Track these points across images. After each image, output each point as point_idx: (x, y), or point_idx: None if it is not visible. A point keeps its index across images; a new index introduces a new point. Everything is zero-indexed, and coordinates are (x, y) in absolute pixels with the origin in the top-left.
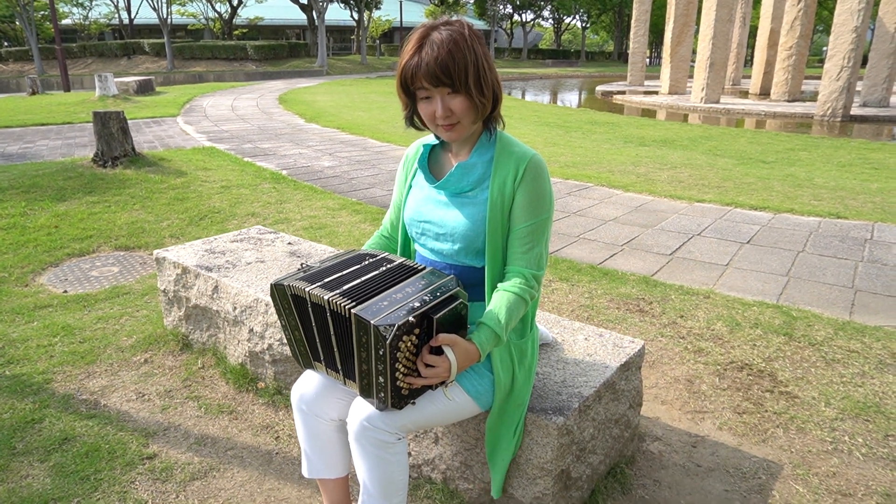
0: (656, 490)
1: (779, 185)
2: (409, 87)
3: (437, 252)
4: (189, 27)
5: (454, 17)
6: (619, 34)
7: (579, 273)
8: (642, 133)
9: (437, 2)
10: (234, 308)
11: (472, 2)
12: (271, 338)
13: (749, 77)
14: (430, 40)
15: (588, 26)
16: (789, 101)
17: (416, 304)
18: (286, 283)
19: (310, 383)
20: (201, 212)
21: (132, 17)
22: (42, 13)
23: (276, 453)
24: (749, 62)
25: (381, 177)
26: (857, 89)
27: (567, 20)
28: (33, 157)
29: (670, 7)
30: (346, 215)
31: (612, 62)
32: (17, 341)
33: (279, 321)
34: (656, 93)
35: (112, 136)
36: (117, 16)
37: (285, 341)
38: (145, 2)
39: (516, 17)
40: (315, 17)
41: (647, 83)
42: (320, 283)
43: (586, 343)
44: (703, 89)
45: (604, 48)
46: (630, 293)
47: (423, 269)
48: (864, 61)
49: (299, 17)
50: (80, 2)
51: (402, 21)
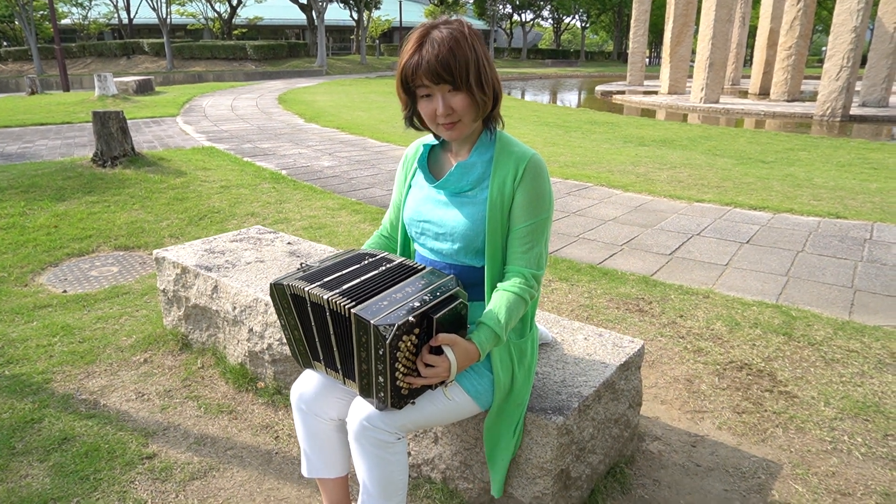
0: (656, 490)
1: (778, 185)
2: (409, 86)
3: (437, 252)
4: (188, 27)
5: (453, 17)
6: (619, 34)
7: (579, 273)
8: (642, 133)
9: (436, 1)
10: (234, 308)
11: (471, 2)
12: (271, 337)
13: (748, 77)
14: (430, 38)
15: (587, 26)
16: (789, 101)
17: (416, 304)
18: (286, 283)
19: (309, 383)
20: (201, 212)
21: (131, 16)
22: (41, 13)
23: (276, 453)
24: (748, 62)
25: (381, 177)
26: (857, 89)
27: (566, 20)
28: (32, 157)
29: (670, 7)
30: (346, 215)
31: (611, 62)
32: (17, 341)
33: (279, 321)
34: (656, 93)
35: (111, 135)
36: (116, 16)
37: (285, 341)
38: (144, 2)
39: (516, 16)
40: (314, 17)
41: (646, 83)
42: (320, 283)
43: (586, 343)
44: (702, 89)
45: (603, 48)
46: (629, 293)
47: (423, 268)
48: (864, 61)
49: (299, 16)
50: (80, 2)
51: (401, 21)
